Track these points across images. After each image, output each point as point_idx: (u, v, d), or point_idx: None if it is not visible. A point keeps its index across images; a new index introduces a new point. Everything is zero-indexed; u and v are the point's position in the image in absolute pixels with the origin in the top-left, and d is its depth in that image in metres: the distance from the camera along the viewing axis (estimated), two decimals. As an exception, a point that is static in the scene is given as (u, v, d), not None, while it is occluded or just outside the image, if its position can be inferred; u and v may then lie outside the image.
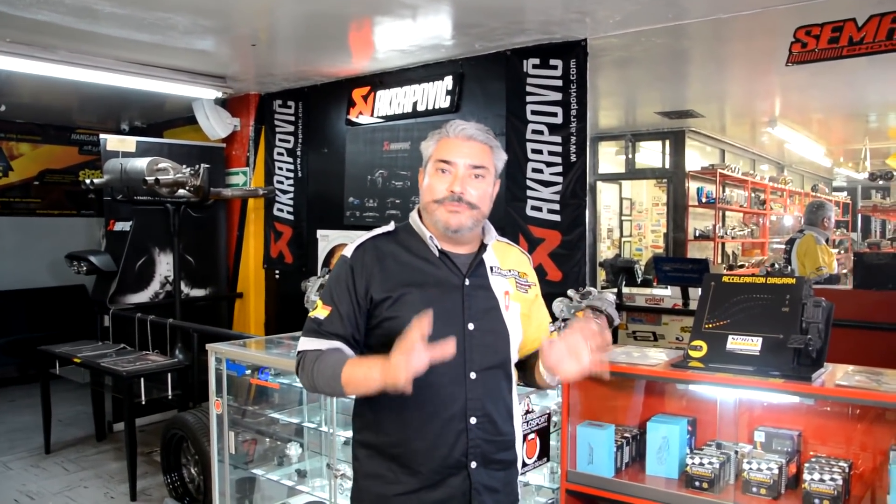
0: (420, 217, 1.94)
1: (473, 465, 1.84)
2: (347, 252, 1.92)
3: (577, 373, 1.69)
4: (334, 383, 1.75)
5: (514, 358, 1.98)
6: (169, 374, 5.02)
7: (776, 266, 8.10)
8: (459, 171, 1.85)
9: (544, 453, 2.80)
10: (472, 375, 1.84)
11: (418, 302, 1.81)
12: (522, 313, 1.98)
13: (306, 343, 1.88)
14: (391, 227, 1.97)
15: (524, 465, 2.79)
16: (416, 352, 1.55)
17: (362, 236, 1.94)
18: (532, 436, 2.69)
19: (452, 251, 1.91)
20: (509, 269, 2.00)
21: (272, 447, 3.90)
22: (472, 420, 1.84)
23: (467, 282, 1.89)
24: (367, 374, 1.68)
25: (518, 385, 2.03)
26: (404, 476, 1.82)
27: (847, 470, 2.29)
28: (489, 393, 1.87)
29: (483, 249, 1.95)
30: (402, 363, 1.56)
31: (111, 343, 5.80)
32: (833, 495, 2.22)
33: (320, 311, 1.88)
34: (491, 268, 1.96)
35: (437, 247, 1.89)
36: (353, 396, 1.88)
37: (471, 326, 1.86)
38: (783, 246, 11.56)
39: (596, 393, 2.83)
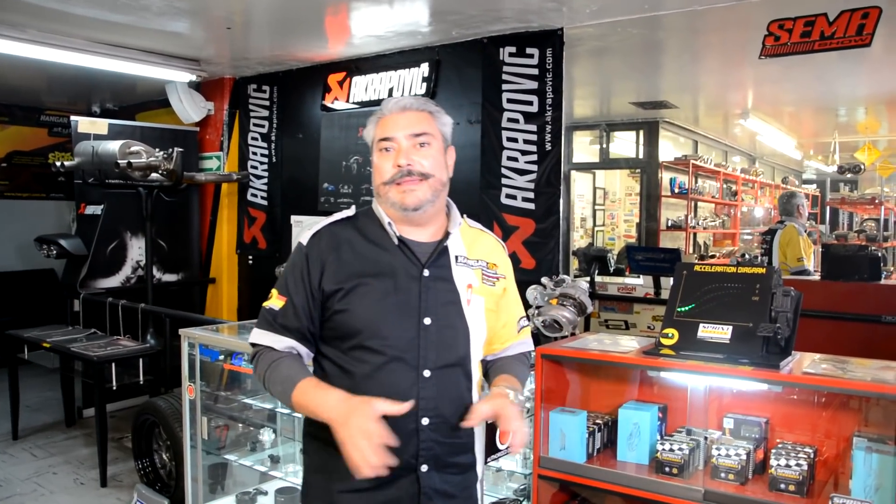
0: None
1: (424, 468, 1.74)
2: (304, 239, 1.82)
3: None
4: (286, 400, 1.71)
5: (478, 355, 1.87)
6: (140, 360, 4.98)
7: (746, 256, 8.22)
8: (401, 143, 1.76)
9: (517, 439, 2.82)
10: (426, 373, 1.73)
11: (371, 294, 1.73)
12: (487, 308, 1.86)
13: (260, 336, 1.81)
14: (351, 211, 1.87)
15: (496, 451, 2.82)
16: (368, 447, 1.51)
17: (321, 222, 1.85)
18: (505, 422, 2.71)
19: (413, 238, 1.80)
20: (477, 258, 1.88)
21: (245, 433, 3.89)
22: (425, 421, 1.73)
23: (426, 272, 1.77)
24: (315, 412, 1.65)
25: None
26: (352, 473, 1.66)
27: (812, 456, 2.34)
28: (445, 392, 1.76)
29: (447, 237, 1.84)
30: (357, 451, 1.51)
31: (81, 328, 5.74)
32: (798, 480, 2.26)
33: (275, 302, 1.80)
34: (456, 257, 1.84)
35: (396, 233, 1.78)
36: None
37: (427, 321, 1.75)
38: (753, 236, 11.78)
39: (569, 380, 2.86)
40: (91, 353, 4.80)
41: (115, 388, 4.84)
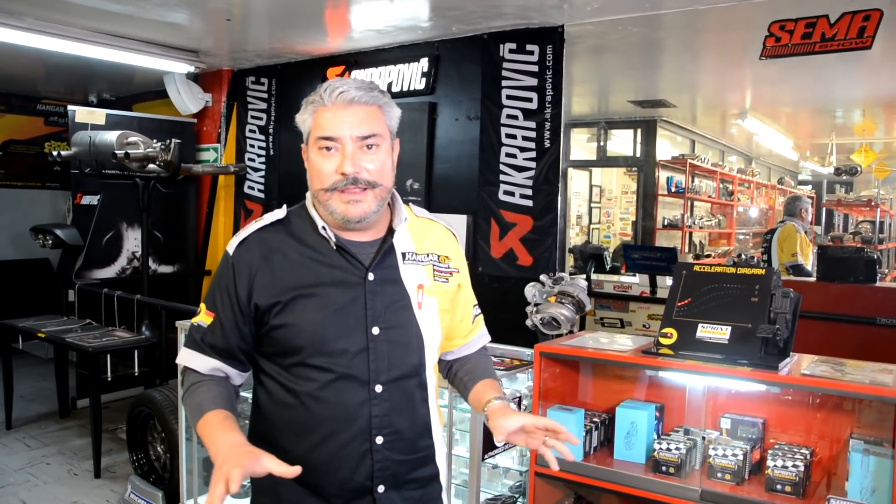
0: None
1: (381, 488, 1.59)
2: (230, 247, 1.63)
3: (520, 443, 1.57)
4: (194, 427, 1.56)
5: (433, 360, 1.72)
6: (136, 351, 4.97)
7: (742, 256, 8.25)
8: (347, 147, 1.55)
9: (514, 436, 2.82)
10: (378, 389, 1.58)
11: (311, 307, 1.57)
12: (441, 308, 1.70)
13: (187, 357, 1.65)
14: (282, 212, 1.68)
15: (493, 448, 2.83)
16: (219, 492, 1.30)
17: (248, 227, 1.66)
18: (502, 419, 2.72)
19: (353, 238, 1.63)
20: (427, 252, 1.71)
21: (241, 426, 3.88)
22: (379, 440, 1.58)
23: (371, 276, 1.60)
24: (209, 448, 1.45)
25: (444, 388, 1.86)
26: (304, 495, 1.60)
27: (808, 457, 2.35)
28: (399, 407, 1.62)
29: (391, 235, 1.66)
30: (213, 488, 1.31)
31: (76, 318, 5.72)
32: (794, 481, 2.27)
33: (203, 318, 1.64)
34: (403, 254, 1.67)
35: (332, 237, 1.60)
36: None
37: (375, 331, 1.58)
38: (749, 236, 11.81)
39: (566, 378, 2.87)
40: (86, 344, 4.79)
41: (109, 379, 4.82)
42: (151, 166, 5.40)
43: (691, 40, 5.05)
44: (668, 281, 4.71)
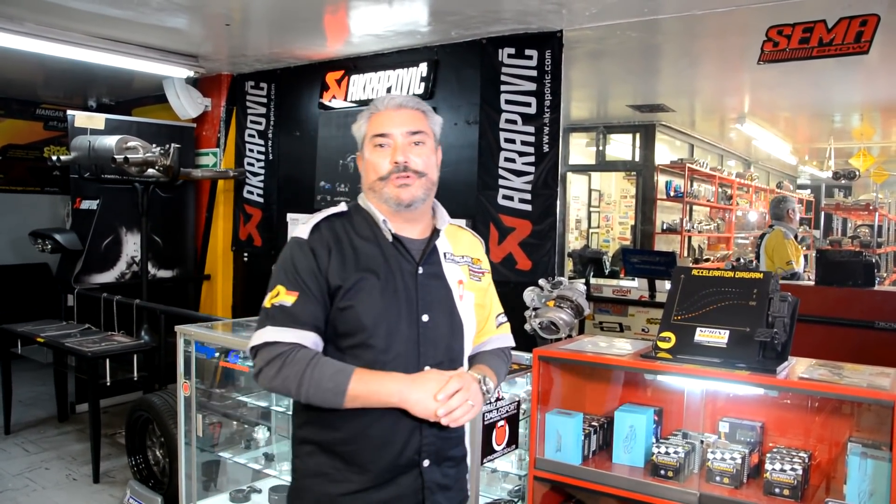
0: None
1: (426, 463, 1.76)
2: (303, 233, 1.77)
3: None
4: (335, 395, 1.63)
5: (469, 349, 1.91)
6: (135, 356, 4.97)
7: (741, 260, 8.25)
8: (398, 140, 1.78)
9: (513, 440, 2.82)
10: (427, 370, 1.74)
11: (374, 291, 1.72)
12: (477, 303, 1.91)
13: (275, 333, 1.69)
14: (343, 207, 1.87)
15: (492, 451, 2.83)
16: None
17: (314, 216, 1.82)
18: (501, 423, 2.72)
19: (406, 235, 1.82)
20: (462, 254, 1.92)
21: (239, 430, 3.89)
22: None
23: (421, 269, 1.80)
24: (383, 390, 1.64)
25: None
26: (351, 474, 1.72)
27: (806, 460, 2.35)
28: None
29: (436, 235, 1.86)
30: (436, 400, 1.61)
31: (75, 323, 5.72)
32: (793, 485, 2.28)
33: (285, 298, 1.70)
34: (444, 254, 1.87)
35: (390, 231, 1.79)
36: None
37: (425, 318, 1.77)
38: (748, 241, 11.82)
39: (565, 382, 2.87)
40: (85, 349, 4.79)
41: (108, 383, 4.83)
42: (151, 171, 5.42)
43: (690, 45, 5.06)
44: (667, 285, 4.72)
